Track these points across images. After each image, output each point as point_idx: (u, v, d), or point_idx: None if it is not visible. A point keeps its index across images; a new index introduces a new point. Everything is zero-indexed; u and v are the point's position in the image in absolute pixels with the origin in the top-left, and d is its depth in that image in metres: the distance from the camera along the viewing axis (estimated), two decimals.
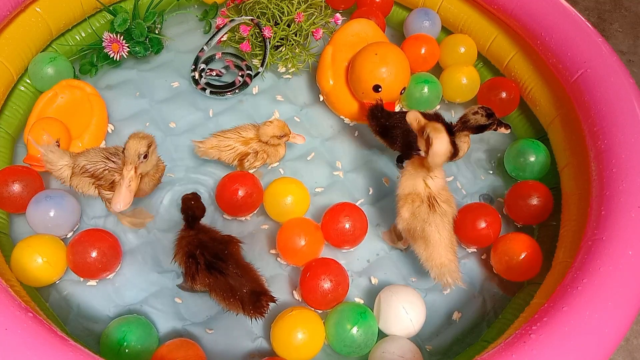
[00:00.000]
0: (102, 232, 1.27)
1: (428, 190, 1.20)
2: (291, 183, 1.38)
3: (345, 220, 1.29)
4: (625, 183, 1.11)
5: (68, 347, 0.87)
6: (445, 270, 1.18)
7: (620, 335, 0.95)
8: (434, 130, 1.13)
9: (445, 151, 1.13)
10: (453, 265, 1.19)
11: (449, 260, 1.19)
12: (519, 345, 0.92)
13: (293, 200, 1.34)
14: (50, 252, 1.22)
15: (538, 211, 1.38)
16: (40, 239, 1.25)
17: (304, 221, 1.33)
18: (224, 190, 1.35)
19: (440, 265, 1.18)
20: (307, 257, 1.29)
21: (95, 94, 1.53)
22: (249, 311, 1.12)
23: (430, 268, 1.21)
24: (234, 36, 1.76)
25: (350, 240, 1.32)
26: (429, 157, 1.14)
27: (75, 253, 1.22)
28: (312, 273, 1.21)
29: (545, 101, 1.56)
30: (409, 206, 1.22)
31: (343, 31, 1.63)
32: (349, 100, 1.60)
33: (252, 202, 1.36)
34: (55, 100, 1.49)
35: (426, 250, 1.20)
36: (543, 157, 1.47)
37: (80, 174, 1.27)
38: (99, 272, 1.24)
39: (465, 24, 1.77)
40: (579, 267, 1.03)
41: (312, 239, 1.28)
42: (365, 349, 1.17)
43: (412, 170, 1.22)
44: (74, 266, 1.23)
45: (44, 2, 1.57)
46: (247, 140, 1.43)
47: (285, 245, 1.29)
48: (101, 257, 1.22)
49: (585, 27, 1.41)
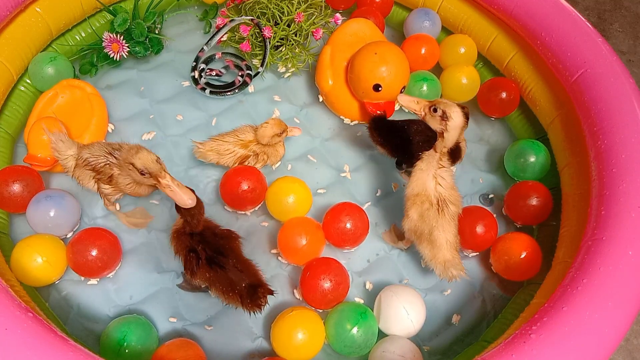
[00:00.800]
0: (102, 230, 1.27)
1: (439, 191, 1.19)
2: (294, 182, 1.38)
3: (346, 220, 1.29)
4: (625, 183, 1.11)
5: (68, 347, 0.87)
6: (449, 265, 1.19)
7: (620, 335, 0.95)
8: (446, 105, 1.14)
9: (463, 123, 1.14)
10: (457, 260, 1.20)
11: (453, 256, 1.20)
12: (519, 345, 0.92)
13: (295, 199, 1.34)
14: (50, 252, 1.22)
15: (538, 211, 1.38)
16: (40, 239, 1.25)
17: (306, 220, 1.33)
18: (228, 182, 1.35)
19: (444, 261, 1.19)
20: (308, 256, 1.29)
21: (96, 93, 1.53)
22: (247, 305, 1.12)
23: (435, 266, 1.21)
24: (234, 36, 1.76)
25: (351, 240, 1.32)
26: (447, 132, 1.14)
27: (75, 252, 1.22)
28: (313, 272, 1.21)
29: (545, 101, 1.56)
30: (417, 208, 1.21)
31: (341, 31, 1.63)
32: (348, 100, 1.60)
33: (254, 197, 1.36)
34: (56, 100, 1.49)
35: (431, 251, 1.21)
36: (543, 157, 1.47)
37: (83, 166, 1.28)
38: (100, 270, 1.24)
39: (465, 24, 1.77)
40: (579, 267, 1.03)
41: (313, 238, 1.28)
42: (365, 349, 1.17)
43: (423, 166, 1.21)
44: (74, 265, 1.23)
45: (44, 2, 1.57)
46: (247, 143, 1.43)
47: (286, 244, 1.29)
48: (101, 255, 1.22)
49: (585, 27, 1.41)
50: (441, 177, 1.20)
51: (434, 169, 1.19)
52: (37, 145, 1.36)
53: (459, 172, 1.57)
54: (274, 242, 1.37)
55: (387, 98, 1.51)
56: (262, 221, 1.42)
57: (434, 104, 1.15)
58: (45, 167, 1.37)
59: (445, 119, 1.13)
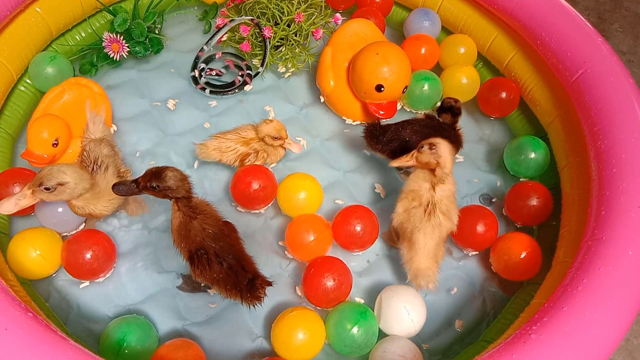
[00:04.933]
0: (96, 233, 1.27)
1: (431, 194, 1.20)
2: (305, 179, 1.38)
3: (356, 223, 1.29)
4: (625, 183, 1.11)
5: (68, 347, 0.87)
6: (419, 274, 1.19)
7: (620, 335, 0.95)
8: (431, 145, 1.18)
9: (451, 153, 1.18)
10: (430, 272, 1.19)
11: (427, 267, 1.19)
12: (519, 345, 0.92)
13: (306, 195, 1.35)
14: (46, 246, 1.23)
15: (538, 212, 1.38)
16: (36, 232, 1.25)
17: (315, 217, 1.33)
18: (238, 182, 1.36)
19: (417, 269, 1.19)
20: (314, 253, 1.29)
21: (102, 93, 1.53)
22: (247, 298, 1.12)
23: (408, 270, 1.22)
24: (234, 36, 1.76)
25: (359, 244, 1.32)
26: (443, 168, 1.18)
27: (69, 253, 1.22)
28: (317, 270, 1.22)
29: (545, 101, 1.56)
30: (405, 202, 1.22)
31: (341, 32, 1.63)
32: (350, 100, 1.60)
33: (265, 195, 1.37)
34: (62, 97, 1.48)
35: (409, 252, 1.22)
36: (542, 153, 1.47)
37: (81, 154, 1.33)
38: (90, 274, 1.24)
39: (465, 24, 1.77)
40: (579, 267, 1.03)
41: (321, 236, 1.29)
42: (365, 348, 1.17)
43: (421, 175, 1.22)
44: (66, 265, 1.24)
45: (44, 2, 1.57)
46: (248, 140, 1.43)
47: (294, 240, 1.30)
48: (93, 259, 1.22)
49: (585, 27, 1.41)
50: (439, 187, 1.20)
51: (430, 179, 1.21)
52: (36, 142, 1.35)
53: (459, 172, 1.57)
54: (275, 242, 1.37)
55: (389, 98, 1.51)
56: (271, 217, 1.43)
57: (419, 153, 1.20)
58: (42, 165, 1.36)
59: (434, 147, 1.17)
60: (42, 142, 1.34)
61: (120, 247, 1.35)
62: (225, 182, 1.49)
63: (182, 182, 1.09)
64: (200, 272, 1.13)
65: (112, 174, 1.29)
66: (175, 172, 1.09)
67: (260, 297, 1.13)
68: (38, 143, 1.35)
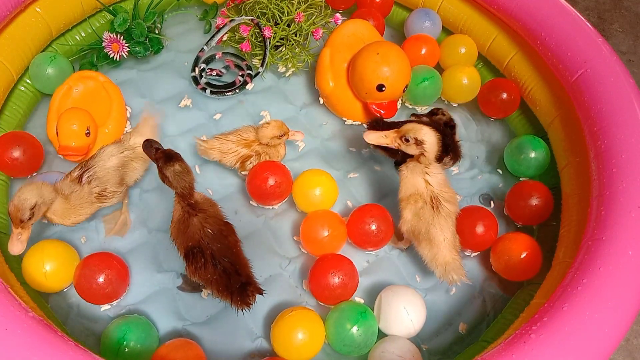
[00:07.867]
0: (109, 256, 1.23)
1: (430, 189, 1.20)
2: (321, 175, 1.39)
3: (371, 222, 1.30)
4: (625, 183, 1.11)
5: (68, 347, 0.87)
6: (449, 269, 1.19)
7: (620, 335, 0.95)
8: (415, 130, 1.17)
9: (437, 139, 1.17)
10: (457, 263, 1.20)
11: (453, 258, 1.20)
12: (519, 345, 0.92)
13: (322, 191, 1.36)
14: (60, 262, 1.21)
15: (538, 212, 1.38)
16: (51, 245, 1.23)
17: (331, 213, 1.34)
18: (255, 177, 1.36)
19: (445, 264, 1.19)
20: (327, 249, 1.30)
21: (109, 81, 1.53)
22: (237, 302, 1.12)
23: (435, 268, 1.21)
24: (234, 36, 1.76)
25: (373, 242, 1.32)
26: (426, 154, 1.17)
27: (81, 276, 1.18)
28: (324, 265, 1.22)
29: (545, 101, 1.56)
30: (411, 207, 1.22)
31: (339, 32, 1.63)
32: (350, 101, 1.60)
33: (280, 192, 1.37)
34: (71, 93, 1.48)
35: (431, 251, 1.21)
36: (543, 152, 1.47)
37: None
38: (105, 298, 1.22)
39: (465, 24, 1.77)
40: (579, 267, 1.03)
41: (336, 232, 1.29)
42: (365, 348, 1.17)
43: (408, 173, 1.22)
44: (79, 290, 1.20)
45: (44, 2, 1.57)
46: (249, 142, 1.43)
47: (308, 234, 1.30)
48: (106, 284, 1.18)
49: (585, 27, 1.41)
50: (429, 175, 1.21)
51: (421, 174, 1.21)
52: (68, 135, 1.34)
53: (459, 172, 1.57)
54: (275, 241, 1.37)
55: (390, 97, 1.51)
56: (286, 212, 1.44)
57: (403, 134, 1.18)
58: (80, 156, 1.36)
59: (420, 144, 1.16)
60: (75, 134, 1.34)
61: (120, 247, 1.35)
62: (225, 183, 1.49)
63: (180, 178, 1.09)
64: (195, 270, 1.13)
65: (87, 192, 1.24)
66: (179, 167, 1.09)
67: (250, 303, 1.13)
68: (71, 136, 1.34)
